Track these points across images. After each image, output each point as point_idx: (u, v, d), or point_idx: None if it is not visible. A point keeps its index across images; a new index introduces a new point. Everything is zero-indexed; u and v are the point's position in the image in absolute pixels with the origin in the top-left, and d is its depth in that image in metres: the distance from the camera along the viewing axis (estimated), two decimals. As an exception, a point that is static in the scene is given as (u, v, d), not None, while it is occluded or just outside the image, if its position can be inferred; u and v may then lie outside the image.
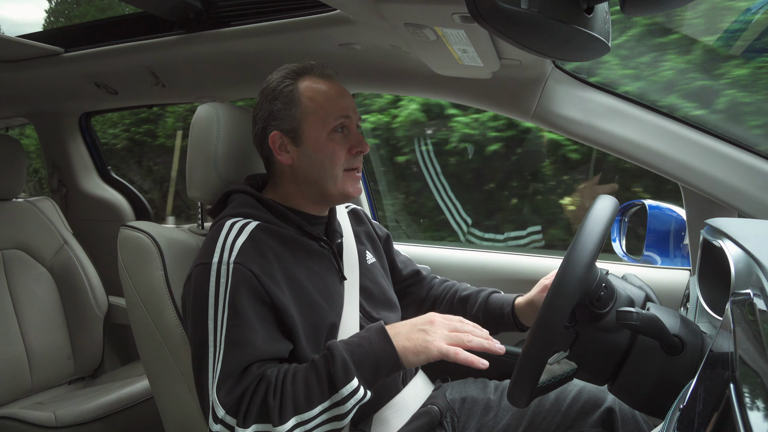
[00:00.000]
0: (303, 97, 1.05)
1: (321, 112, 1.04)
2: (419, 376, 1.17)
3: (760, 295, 0.56)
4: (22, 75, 1.79)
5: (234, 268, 0.93)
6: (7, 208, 1.85)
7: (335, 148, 1.04)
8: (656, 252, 1.46)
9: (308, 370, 0.88)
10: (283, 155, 1.06)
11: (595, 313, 0.79)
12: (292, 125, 1.05)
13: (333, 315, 1.02)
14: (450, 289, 1.30)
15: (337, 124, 1.04)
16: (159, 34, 1.48)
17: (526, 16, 0.56)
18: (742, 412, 0.34)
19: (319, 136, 1.04)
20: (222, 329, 0.90)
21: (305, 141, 1.05)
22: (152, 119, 4.82)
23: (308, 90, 1.05)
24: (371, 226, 1.31)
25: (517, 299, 1.18)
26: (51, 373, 1.80)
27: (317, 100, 1.04)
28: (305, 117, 1.04)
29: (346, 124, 1.06)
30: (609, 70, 1.54)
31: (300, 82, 1.06)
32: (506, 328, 1.20)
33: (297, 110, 1.04)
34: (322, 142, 1.04)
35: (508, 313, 1.18)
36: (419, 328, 0.89)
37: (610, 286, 0.81)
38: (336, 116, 1.04)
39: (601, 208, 0.77)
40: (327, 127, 1.04)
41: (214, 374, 0.88)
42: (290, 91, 1.05)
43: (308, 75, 1.07)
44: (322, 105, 1.04)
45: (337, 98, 1.06)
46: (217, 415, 0.85)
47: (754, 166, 1.12)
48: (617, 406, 1.05)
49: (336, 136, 1.05)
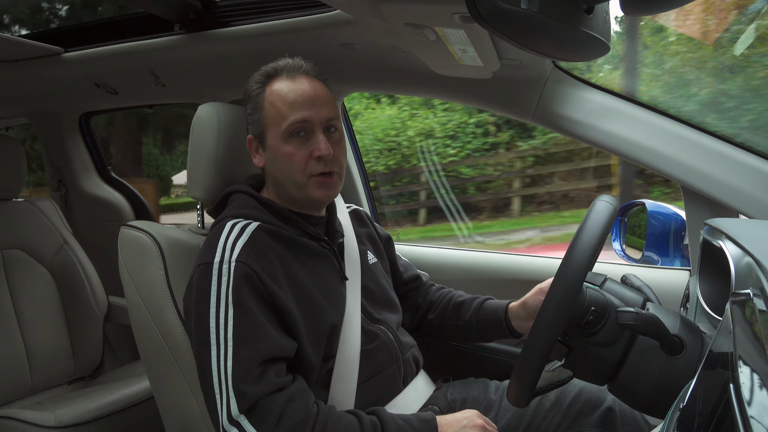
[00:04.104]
0: (266, 102, 1.04)
1: (278, 117, 1.02)
2: (421, 376, 1.17)
3: (760, 295, 0.56)
4: (22, 75, 1.79)
5: (236, 266, 0.93)
6: (7, 208, 1.85)
7: (293, 153, 1.02)
8: (656, 252, 1.46)
9: (353, 428, 0.88)
10: (257, 158, 1.08)
11: (586, 331, 0.79)
12: (258, 130, 1.06)
13: (335, 315, 1.02)
14: (446, 296, 1.30)
15: (293, 129, 1.01)
16: (159, 34, 1.47)
17: (526, 16, 0.56)
18: (742, 412, 0.34)
19: (278, 143, 1.03)
20: (226, 327, 0.89)
21: (268, 146, 1.05)
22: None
23: (271, 94, 1.04)
24: (373, 227, 1.31)
25: (511, 304, 1.19)
26: (51, 373, 1.80)
27: (276, 104, 1.03)
28: (267, 122, 1.04)
29: (306, 128, 1.02)
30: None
31: (268, 86, 1.05)
32: (499, 333, 1.20)
33: (260, 115, 1.05)
34: (280, 148, 1.02)
35: (500, 317, 1.18)
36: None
37: (601, 306, 0.79)
38: (290, 121, 1.01)
39: (596, 215, 0.76)
40: (284, 132, 1.02)
41: (221, 373, 0.87)
42: (257, 95, 1.05)
43: (277, 77, 1.06)
44: (279, 110, 1.02)
45: (295, 101, 1.02)
46: (232, 414, 0.84)
47: (754, 167, 1.12)
48: (617, 406, 1.05)
49: (294, 140, 1.02)
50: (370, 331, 1.07)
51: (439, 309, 1.28)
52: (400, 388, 1.09)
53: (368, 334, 1.07)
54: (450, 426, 0.94)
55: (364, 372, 1.03)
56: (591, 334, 0.78)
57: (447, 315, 1.27)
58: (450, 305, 1.27)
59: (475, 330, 1.22)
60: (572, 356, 0.80)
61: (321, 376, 1.00)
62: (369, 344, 1.06)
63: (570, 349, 0.80)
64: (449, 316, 1.26)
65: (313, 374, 0.97)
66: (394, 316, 1.17)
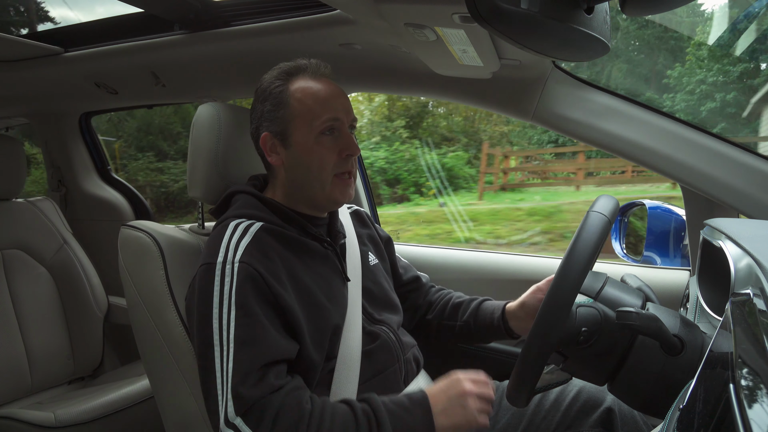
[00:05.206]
0: (292, 99, 1.03)
1: (308, 114, 1.02)
2: (421, 376, 1.17)
3: (760, 295, 0.56)
4: (22, 75, 1.79)
5: (239, 267, 0.92)
6: (7, 208, 1.85)
7: (323, 151, 1.02)
8: (656, 252, 1.46)
9: (348, 420, 0.87)
10: (273, 157, 1.06)
11: (580, 347, 0.78)
12: (280, 127, 1.04)
13: (337, 316, 1.02)
14: (444, 297, 1.31)
15: (325, 127, 1.02)
16: (159, 34, 1.47)
17: (526, 16, 0.56)
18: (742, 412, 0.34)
19: (306, 140, 1.02)
20: (228, 328, 0.89)
21: (293, 144, 1.04)
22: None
23: (297, 91, 1.03)
24: (374, 228, 1.31)
25: (508, 304, 1.19)
26: (51, 373, 1.80)
27: (306, 102, 1.03)
28: (293, 119, 1.03)
29: (336, 127, 1.03)
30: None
31: (291, 83, 1.05)
32: (496, 334, 1.20)
33: (285, 112, 1.03)
34: (309, 146, 1.02)
35: (498, 318, 1.18)
36: (457, 404, 0.92)
37: (593, 322, 0.77)
38: (324, 119, 1.02)
39: (587, 233, 0.74)
40: (315, 130, 1.02)
41: (222, 374, 0.86)
42: (280, 92, 1.04)
43: (300, 75, 1.06)
44: (310, 107, 1.02)
45: (327, 100, 1.03)
46: (228, 417, 0.84)
47: (754, 166, 1.12)
48: (617, 406, 1.05)
49: (324, 139, 1.03)
50: (371, 331, 1.07)
51: (437, 310, 1.29)
52: (401, 388, 1.09)
53: (369, 335, 1.07)
54: (439, 400, 0.92)
55: (365, 372, 1.03)
56: (585, 347, 0.78)
57: (445, 316, 1.27)
58: (448, 306, 1.27)
59: (472, 331, 1.23)
60: (569, 363, 0.80)
61: (322, 375, 1.00)
62: (370, 344, 1.06)
63: (566, 357, 0.80)
64: (447, 317, 1.26)
65: (315, 374, 0.97)
66: (395, 317, 1.17)
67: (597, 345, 0.77)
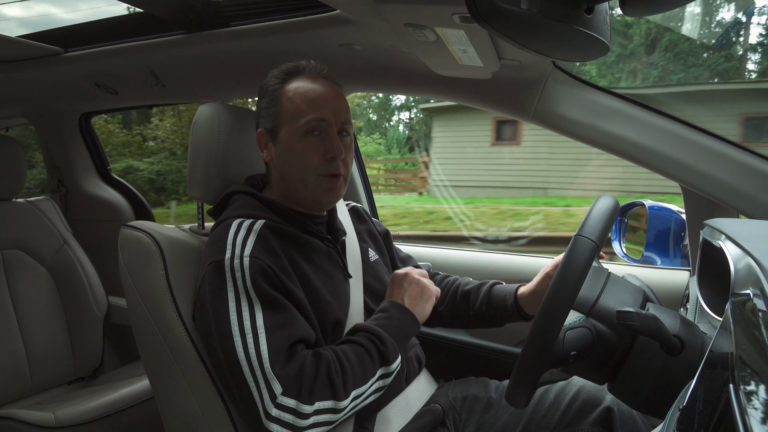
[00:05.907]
0: (284, 98, 1.05)
1: (296, 113, 1.04)
2: (423, 375, 1.17)
3: (760, 296, 0.56)
4: (22, 75, 1.79)
5: (250, 261, 0.93)
6: (7, 208, 1.85)
7: (306, 151, 1.03)
8: (656, 252, 1.46)
9: (358, 350, 0.95)
10: (265, 153, 1.09)
11: (573, 364, 0.78)
12: (272, 124, 1.06)
13: (340, 312, 1.04)
14: (452, 285, 1.30)
15: (309, 126, 1.03)
16: (159, 34, 1.47)
17: (526, 16, 0.56)
18: (742, 413, 0.34)
19: (291, 138, 1.04)
20: (251, 318, 0.90)
21: (280, 141, 1.05)
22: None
23: (290, 91, 1.05)
24: (372, 223, 1.32)
25: (520, 289, 1.18)
26: (51, 374, 1.80)
27: (294, 101, 1.04)
28: (282, 117, 1.05)
29: (321, 128, 1.04)
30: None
31: (287, 83, 1.07)
32: (511, 319, 1.20)
33: (276, 110, 1.06)
34: (293, 144, 1.04)
35: (511, 304, 1.18)
36: (410, 288, 1.06)
37: (583, 344, 0.77)
38: (309, 118, 1.02)
39: (575, 260, 0.72)
40: (300, 129, 1.03)
41: (251, 362, 0.87)
42: (275, 90, 1.07)
43: (298, 75, 1.08)
44: (298, 106, 1.04)
45: (314, 100, 1.04)
46: (277, 398, 0.85)
47: (754, 166, 1.12)
48: (616, 406, 1.05)
49: (310, 139, 1.03)
50: None
51: (447, 300, 1.28)
52: (402, 387, 1.09)
53: None
54: (399, 295, 1.05)
55: None
56: (579, 362, 0.78)
57: (456, 305, 1.26)
58: (458, 295, 1.27)
59: (486, 318, 1.23)
60: (567, 367, 0.80)
61: None
62: None
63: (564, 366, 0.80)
64: (458, 306, 1.26)
65: None
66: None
67: (592, 357, 0.77)
